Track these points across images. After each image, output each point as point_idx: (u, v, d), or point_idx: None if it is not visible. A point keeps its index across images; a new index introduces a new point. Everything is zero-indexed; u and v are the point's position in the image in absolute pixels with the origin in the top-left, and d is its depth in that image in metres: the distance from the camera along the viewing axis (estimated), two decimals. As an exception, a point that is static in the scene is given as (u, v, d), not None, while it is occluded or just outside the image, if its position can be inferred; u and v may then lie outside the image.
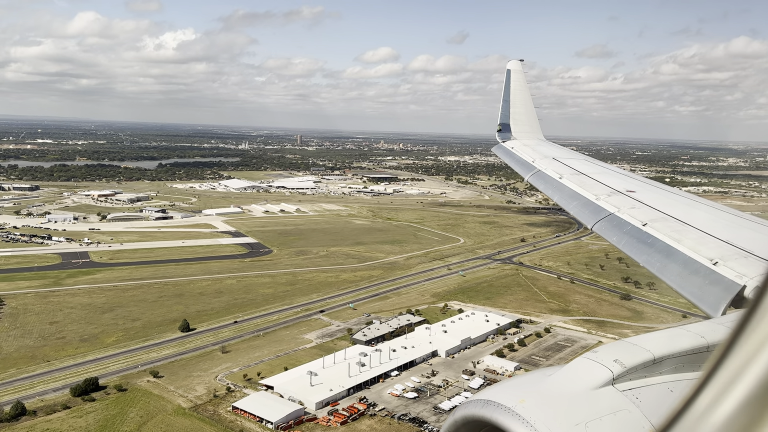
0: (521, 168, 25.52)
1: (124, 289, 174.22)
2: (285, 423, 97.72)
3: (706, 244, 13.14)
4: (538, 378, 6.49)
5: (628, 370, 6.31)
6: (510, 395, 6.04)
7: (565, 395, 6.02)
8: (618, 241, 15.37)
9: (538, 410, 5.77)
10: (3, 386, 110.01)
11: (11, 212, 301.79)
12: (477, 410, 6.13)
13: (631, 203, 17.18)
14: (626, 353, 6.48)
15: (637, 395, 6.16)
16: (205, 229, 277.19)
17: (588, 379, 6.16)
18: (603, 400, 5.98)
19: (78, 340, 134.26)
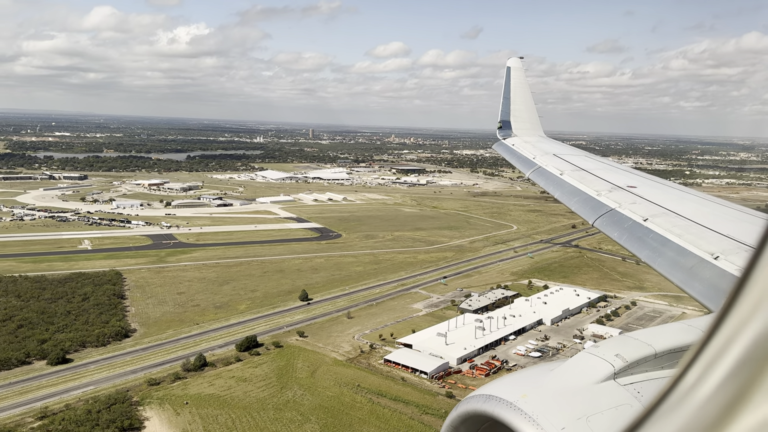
0: (522, 165, 25.31)
1: (227, 265, 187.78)
2: (437, 373, 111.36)
3: (707, 239, 13.10)
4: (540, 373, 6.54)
5: (630, 364, 6.34)
6: (512, 390, 6.12)
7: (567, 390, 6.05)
8: (619, 236, 15.26)
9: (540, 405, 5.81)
10: (170, 344, 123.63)
11: (76, 199, 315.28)
12: (479, 405, 6.19)
13: (632, 199, 16.96)
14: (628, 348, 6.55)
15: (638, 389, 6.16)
16: (266, 215, 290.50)
17: (590, 374, 6.22)
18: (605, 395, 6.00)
19: (213, 307, 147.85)
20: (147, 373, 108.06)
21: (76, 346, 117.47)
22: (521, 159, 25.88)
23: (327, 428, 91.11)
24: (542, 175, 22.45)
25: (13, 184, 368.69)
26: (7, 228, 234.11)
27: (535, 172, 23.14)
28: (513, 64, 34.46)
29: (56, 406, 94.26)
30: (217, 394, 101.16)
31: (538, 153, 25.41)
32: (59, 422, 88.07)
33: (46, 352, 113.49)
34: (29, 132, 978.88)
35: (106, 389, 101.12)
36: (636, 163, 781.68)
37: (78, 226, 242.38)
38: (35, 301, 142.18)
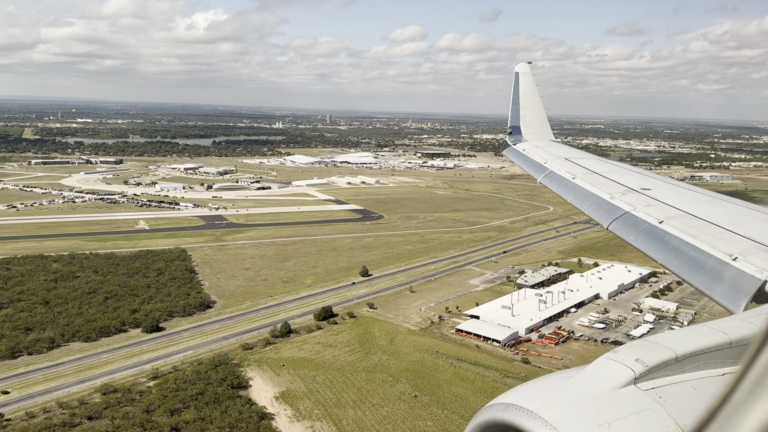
0: (534, 170, 25.00)
1: (282, 244, 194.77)
2: (508, 342, 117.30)
3: (725, 240, 12.91)
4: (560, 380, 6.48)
5: (650, 369, 6.30)
6: (532, 398, 6.08)
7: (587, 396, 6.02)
8: (635, 239, 15.03)
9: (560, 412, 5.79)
10: (251, 314, 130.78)
11: (119, 182, 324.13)
12: (499, 414, 6.17)
13: (647, 201, 16.75)
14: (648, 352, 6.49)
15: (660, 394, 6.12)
16: (305, 197, 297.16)
17: (610, 380, 6.17)
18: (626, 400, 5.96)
19: (280, 281, 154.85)
20: (238, 339, 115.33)
21: (165, 316, 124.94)
22: (532, 164, 25.62)
23: (417, 388, 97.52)
24: (554, 179, 22.30)
25: (53, 169, 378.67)
26: (62, 209, 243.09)
27: (547, 176, 22.99)
28: (521, 70, 34.42)
29: (164, 368, 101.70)
30: (308, 358, 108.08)
31: (549, 157, 25.30)
32: (172, 381, 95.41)
33: (139, 321, 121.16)
34: (52, 119, 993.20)
35: (204, 353, 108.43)
36: (658, 146, 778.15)
37: (129, 208, 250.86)
38: (113, 276, 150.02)
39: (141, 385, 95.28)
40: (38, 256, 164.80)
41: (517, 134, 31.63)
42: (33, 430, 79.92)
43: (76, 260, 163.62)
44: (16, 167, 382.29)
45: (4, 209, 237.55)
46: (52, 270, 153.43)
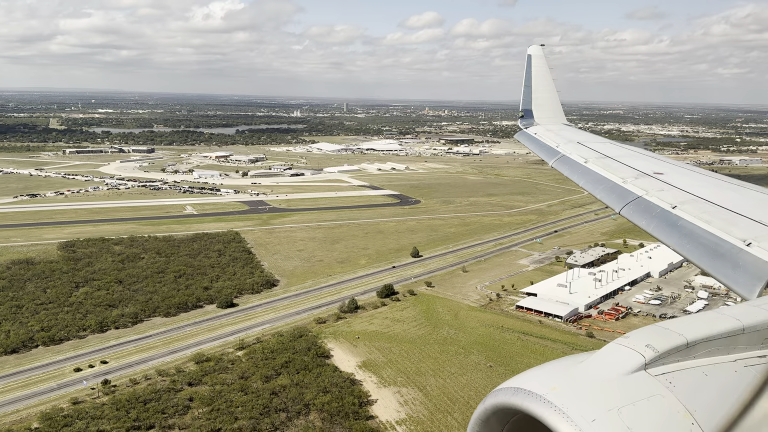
0: (545, 153, 24.73)
1: (329, 227, 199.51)
2: (569, 317, 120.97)
3: (738, 225, 12.79)
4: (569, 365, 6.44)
5: (661, 354, 6.26)
6: (541, 383, 6.08)
7: (597, 381, 6.01)
8: (647, 224, 14.92)
9: (570, 397, 5.79)
10: (315, 291, 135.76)
11: (156, 170, 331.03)
12: (507, 398, 6.16)
13: (660, 186, 16.59)
14: (659, 338, 6.45)
15: (670, 380, 6.11)
16: (339, 183, 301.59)
17: (620, 365, 6.14)
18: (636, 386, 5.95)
19: (335, 262, 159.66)
20: (310, 314, 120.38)
21: (235, 293, 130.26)
22: (544, 148, 25.37)
23: (490, 359, 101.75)
24: (566, 163, 22.08)
25: (89, 157, 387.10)
26: (108, 196, 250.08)
27: (558, 160, 22.78)
28: (534, 52, 33.82)
29: (248, 339, 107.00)
30: (380, 331, 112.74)
31: (562, 141, 24.94)
32: (260, 351, 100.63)
33: (213, 297, 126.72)
34: (74, 109, 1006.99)
35: (281, 327, 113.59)
36: (681, 131, 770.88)
37: (173, 194, 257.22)
38: (176, 257, 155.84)
39: (230, 354, 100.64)
40: (100, 239, 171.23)
41: (529, 117, 31.31)
42: (141, 394, 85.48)
43: (137, 243, 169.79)
44: (51, 156, 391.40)
45: (53, 196, 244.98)
46: (116, 252, 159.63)
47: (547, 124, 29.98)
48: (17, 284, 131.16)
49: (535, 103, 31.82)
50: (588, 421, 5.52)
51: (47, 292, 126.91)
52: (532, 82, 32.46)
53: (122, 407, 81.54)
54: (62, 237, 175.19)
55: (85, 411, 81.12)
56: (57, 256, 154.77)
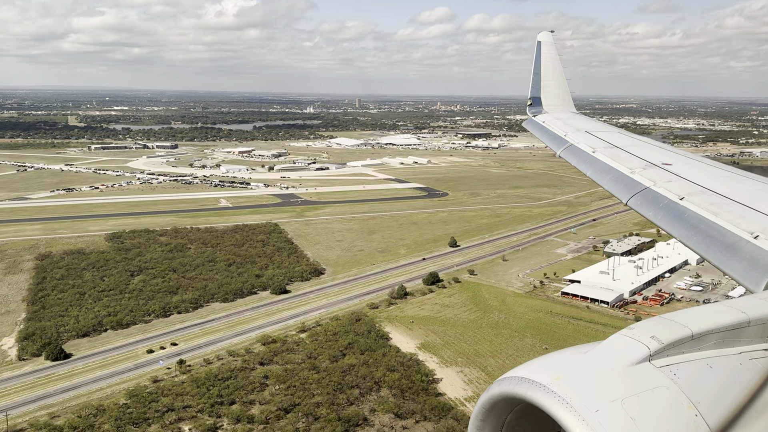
0: (553, 142, 24.46)
1: (363, 219, 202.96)
2: (615, 303, 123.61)
3: (747, 217, 12.65)
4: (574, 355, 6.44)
5: (666, 346, 6.24)
6: (545, 372, 6.07)
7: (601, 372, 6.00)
8: (654, 215, 14.81)
9: (573, 387, 5.80)
10: (362, 279, 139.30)
11: (184, 165, 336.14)
12: (511, 387, 6.16)
13: (668, 176, 16.47)
14: (663, 329, 6.43)
15: (674, 371, 6.10)
16: (364, 176, 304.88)
17: (624, 356, 6.11)
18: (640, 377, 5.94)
19: (375, 251, 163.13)
20: (362, 300, 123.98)
21: (286, 281, 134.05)
22: (552, 136, 25.03)
23: (544, 342, 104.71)
24: (574, 152, 21.89)
25: (114, 153, 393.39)
26: (142, 190, 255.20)
27: (566, 149, 22.54)
28: (544, 39, 33.27)
29: (308, 323, 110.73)
30: (432, 316, 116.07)
31: (570, 130, 24.54)
32: (322, 333, 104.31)
33: (266, 284, 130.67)
34: (89, 107, 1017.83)
35: (337, 311, 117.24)
36: (697, 124, 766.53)
37: (204, 188, 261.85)
38: (222, 247, 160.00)
39: (293, 337, 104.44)
40: (144, 231, 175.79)
41: (538, 105, 30.72)
42: (217, 372, 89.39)
43: (181, 234, 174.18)
44: (77, 152, 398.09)
45: (88, 190, 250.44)
46: (162, 243, 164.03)
47: (555, 112, 29.56)
48: (75, 273, 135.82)
49: (544, 90, 31.44)
50: (591, 412, 5.53)
51: (105, 280, 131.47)
52: (541, 70, 32.00)
53: (202, 384, 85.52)
54: (106, 229, 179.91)
55: (167, 388, 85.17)
56: (106, 246, 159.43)
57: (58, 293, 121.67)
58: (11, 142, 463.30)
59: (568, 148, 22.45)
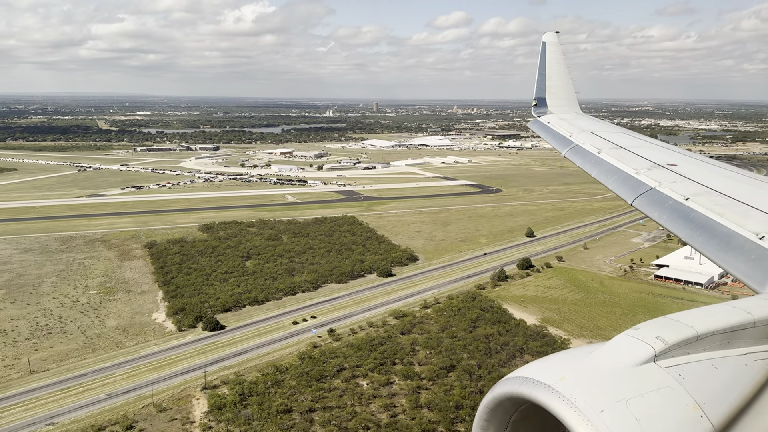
0: (558, 143, 24.52)
1: (430, 213, 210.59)
2: (708, 285, 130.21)
3: (752, 218, 12.51)
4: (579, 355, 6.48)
5: (671, 346, 6.25)
6: (550, 373, 6.08)
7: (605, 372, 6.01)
8: (659, 216, 14.54)
9: (578, 387, 5.80)
10: (456, 265, 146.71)
11: (235, 165, 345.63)
12: (516, 387, 6.19)
13: (673, 177, 16.35)
14: (668, 330, 6.45)
15: (679, 372, 6.10)
16: (412, 175, 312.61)
17: (629, 357, 6.14)
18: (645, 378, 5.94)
19: (457, 241, 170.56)
20: (465, 282, 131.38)
21: (388, 265, 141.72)
22: (557, 137, 25.17)
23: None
24: (579, 153, 21.88)
25: (161, 155, 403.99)
26: (207, 187, 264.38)
27: (571, 150, 22.53)
28: (549, 39, 33.40)
29: (428, 300, 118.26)
30: (539, 295, 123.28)
31: (575, 131, 24.75)
32: (446, 308, 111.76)
33: (371, 268, 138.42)
34: (113, 112, 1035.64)
35: (447, 292, 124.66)
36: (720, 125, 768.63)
37: (265, 185, 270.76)
38: (312, 236, 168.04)
39: (418, 312, 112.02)
40: (233, 222, 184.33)
41: (543, 106, 30.59)
42: (369, 339, 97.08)
43: (267, 225, 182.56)
44: (124, 153, 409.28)
45: (156, 188, 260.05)
46: (253, 233, 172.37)
47: (560, 112, 29.52)
48: (189, 258, 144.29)
49: (549, 91, 31.37)
50: (596, 412, 5.52)
51: (220, 264, 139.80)
52: (546, 70, 32.14)
53: (362, 349, 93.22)
54: (193, 221, 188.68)
55: (330, 352, 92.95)
56: (203, 236, 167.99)
57: (184, 276, 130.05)
58: (55, 144, 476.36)
59: (573, 149, 22.57)
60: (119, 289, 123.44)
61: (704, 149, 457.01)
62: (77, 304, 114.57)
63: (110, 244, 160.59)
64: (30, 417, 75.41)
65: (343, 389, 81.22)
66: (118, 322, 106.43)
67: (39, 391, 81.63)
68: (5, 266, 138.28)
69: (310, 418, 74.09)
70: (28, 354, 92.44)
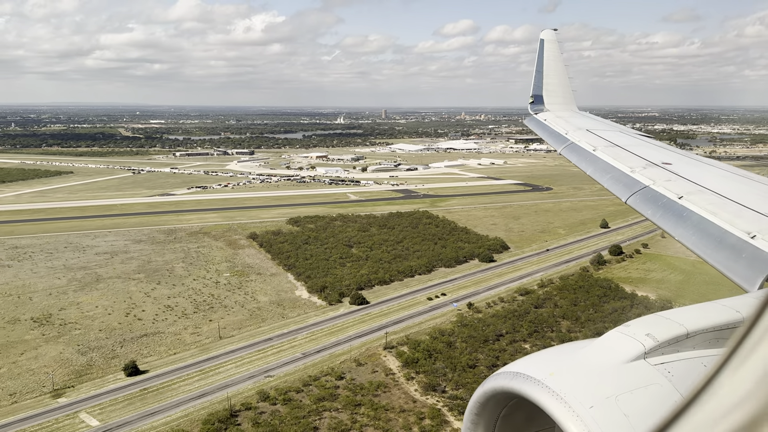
0: (554, 140, 24.64)
1: (495, 208, 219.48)
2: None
3: (744, 217, 12.55)
4: (569, 351, 6.57)
5: (661, 344, 6.29)
6: (540, 368, 6.15)
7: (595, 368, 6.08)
8: (653, 214, 14.67)
9: (568, 383, 5.86)
10: (546, 253, 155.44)
11: (281, 168, 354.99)
12: (506, 382, 6.26)
13: (667, 176, 16.23)
14: (659, 327, 6.50)
15: (669, 369, 6.14)
16: (456, 175, 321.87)
17: (619, 353, 6.19)
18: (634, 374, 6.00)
19: (537, 232, 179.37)
20: (566, 266, 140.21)
21: (486, 252, 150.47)
22: (553, 134, 25.31)
23: None
24: (574, 151, 22.02)
25: (201, 159, 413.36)
26: (267, 187, 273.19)
27: (567, 148, 22.70)
28: (547, 37, 33.47)
29: (543, 280, 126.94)
30: (642, 277, 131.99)
31: (571, 128, 24.84)
32: (566, 287, 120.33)
33: (473, 255, 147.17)
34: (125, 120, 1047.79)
35: (556, 273, 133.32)
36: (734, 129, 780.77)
37: (320, 186, 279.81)
38: (398, 228, 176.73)
39: (538, 290, 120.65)
40: (316, 217, 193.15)
41: (540, 103, 30.93)
42: (510, 311, 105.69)
43: (348, 219, 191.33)
44: (164, 158, 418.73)
45: (220, 188, 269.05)
46: (339, 226, 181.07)
47: (557, 110, 29.59)
48: (296, 245, 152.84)
49: (546, 89, 31.47)
50: (585, 408, 5.59)
51: (328, 250, 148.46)
52: (543, 68, 32.16)
53: (508, 319, 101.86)
54: (276, 217, 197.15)
55: (478, 320, 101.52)
56: (294, 228, 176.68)
57: (303, 261, 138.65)
58: (92, 150, 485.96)
59: (568, 146, 22.70)
60: (249, 272, 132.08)
61: (728, 150, 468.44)
62: (219, 284, 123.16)
63: (212, 235, 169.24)
64: (245, 371, 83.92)
65: (513, 350, 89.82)
66: (269, 298, 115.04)
67: (239, 352, 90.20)
68: (128, 254, 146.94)
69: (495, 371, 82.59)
70: (204, 324, 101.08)
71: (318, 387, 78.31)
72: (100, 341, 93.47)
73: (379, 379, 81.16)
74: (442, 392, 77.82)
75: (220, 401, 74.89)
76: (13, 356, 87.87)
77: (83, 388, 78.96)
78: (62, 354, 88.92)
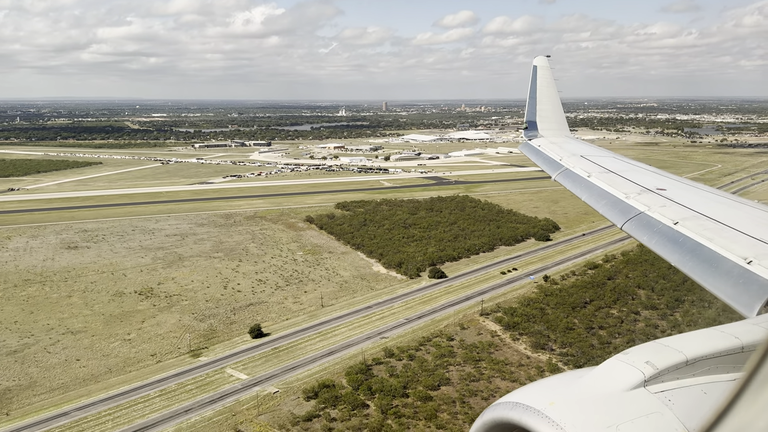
0: (548, 166, 24.89)
1: (531, 192, 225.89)
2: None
3: (740, 243, 12.67)
4: (569, 380, 6.55)
5: (660, 371, 6.31)
6: (539, 397, 6.11)
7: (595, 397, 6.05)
8: (648, 240, 14.71)
9: (568, 412, 5.81)
10: (597, 232, 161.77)
11: (304, 158, 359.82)
12: (505, 413, 6.21)
13: (662, 201, 16.44)
14: (658, 355, 6.52)
15: (669, 397, 6.13)
16: (479, 163, 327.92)
17: (619, 381, 6.20)
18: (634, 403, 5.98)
19: (581, 214, 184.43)
20: (621, 244, 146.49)
21: (542, 231, 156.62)
22: (547, 160, 25.74)
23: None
24: (569, 177, 22.38)
25: (221, 150, 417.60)
26: (298, 176, 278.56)
27: (561, 174, 23.03)
28: (540, 63, 34.15)
29: (607, 254, 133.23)
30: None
31: (565, 154, 25.26)
32: (627, 262, 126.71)
33: (528, 234, 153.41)
34: (127, 114, 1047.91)
35: (616, 249, 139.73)
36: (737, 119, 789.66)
37: (351, 174, 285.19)
38: (446, 212, 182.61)
39: (603, 263, 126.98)
40: (361, 201, 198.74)
41: (534, 129, 31.57)
42: (586, 282, 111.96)
43: (392, 203, 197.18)
44: (184, 150, 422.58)
45: (253, 177, 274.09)
46: (387, 210, 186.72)
47: (550, 136, 30.17)
48: (356, 227, 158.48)
49: (540, 115, 32.14)
50: None
51: (390, 231, 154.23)
52: (537, 94, 32.81)
53: (588, 288, 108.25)
54: (322, 202, 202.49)
55: (559, 290, 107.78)
56: (344, 213, 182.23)
57: (368, 240, 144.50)
58: (108, 142, 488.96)
59: (563, 173, 23.02)
60: (320, 251, 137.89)
61: (738, 139, 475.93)
62: (297, 261, 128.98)
63: (268, 219, 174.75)
64: (360, 333, 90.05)
65: (602, 314, 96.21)
66: (350, 273, 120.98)
67: (345, 318, 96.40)
68: (197, 236, 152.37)
69: (594, 333, 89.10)
70: (301, 295, 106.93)
71: (434, 346, 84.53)
72: (211, 310, 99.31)
73: (486, 339, 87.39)
74: (551, 350, 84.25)
75: (351, 357, 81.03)
76: (135, 324, 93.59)
77: (216, 348, 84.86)
78: (181, 321, 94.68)
